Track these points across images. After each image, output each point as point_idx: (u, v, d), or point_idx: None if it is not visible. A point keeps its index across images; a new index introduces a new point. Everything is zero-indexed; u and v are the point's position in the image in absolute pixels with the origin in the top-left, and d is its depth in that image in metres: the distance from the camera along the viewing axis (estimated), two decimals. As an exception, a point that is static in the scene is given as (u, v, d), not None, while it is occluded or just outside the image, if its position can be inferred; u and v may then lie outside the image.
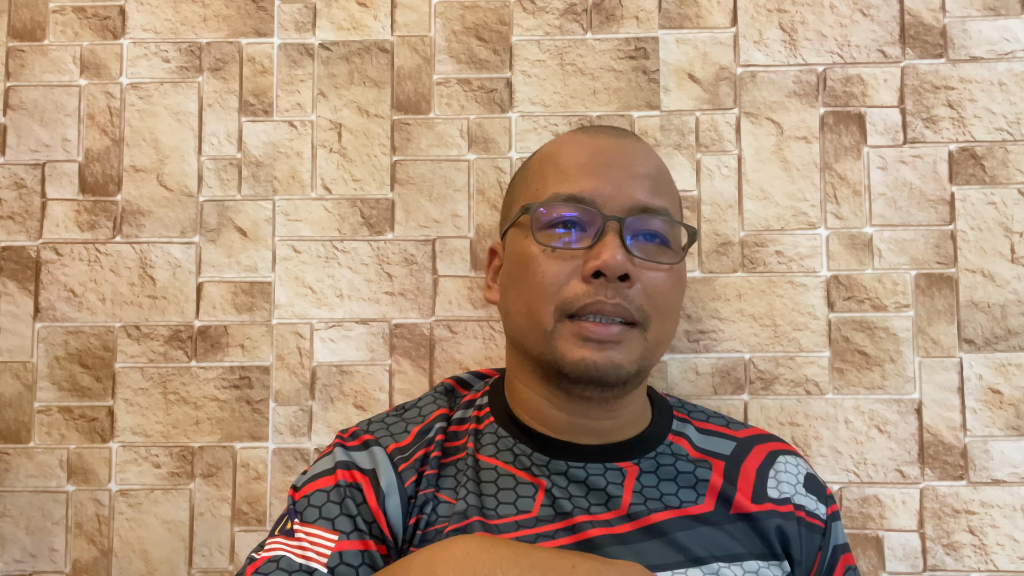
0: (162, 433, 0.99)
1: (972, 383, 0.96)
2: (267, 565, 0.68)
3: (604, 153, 0.77)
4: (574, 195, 0.74)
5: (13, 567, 0.98)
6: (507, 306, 0.79)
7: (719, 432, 0.83)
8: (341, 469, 0.74)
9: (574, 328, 0.72)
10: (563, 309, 0.73)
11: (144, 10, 1.04)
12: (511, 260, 0.79)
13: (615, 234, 0.72)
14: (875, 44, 1.00)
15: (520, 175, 0.83)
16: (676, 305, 0.78)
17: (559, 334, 0.73)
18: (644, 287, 0.74)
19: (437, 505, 0.73)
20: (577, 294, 0.72)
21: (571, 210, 0.74)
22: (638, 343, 0.74)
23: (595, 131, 0.81)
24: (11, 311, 1.01)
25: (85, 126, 1.02)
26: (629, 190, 0.75)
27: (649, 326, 0.74)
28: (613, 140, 0.78)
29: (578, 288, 0.72)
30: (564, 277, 0.73)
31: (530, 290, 0.75)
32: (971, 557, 0.94)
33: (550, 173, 0.78)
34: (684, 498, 0.76)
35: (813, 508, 0.79)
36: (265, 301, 1.00)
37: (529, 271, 0.75)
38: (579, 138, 0.79)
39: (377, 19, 1.03)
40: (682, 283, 0.79)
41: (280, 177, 1.01)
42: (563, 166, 0.77)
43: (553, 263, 0.74)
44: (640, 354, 0.74)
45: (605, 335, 0.72)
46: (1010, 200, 0.97)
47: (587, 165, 0.76)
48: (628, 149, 0.78)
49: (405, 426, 0.78)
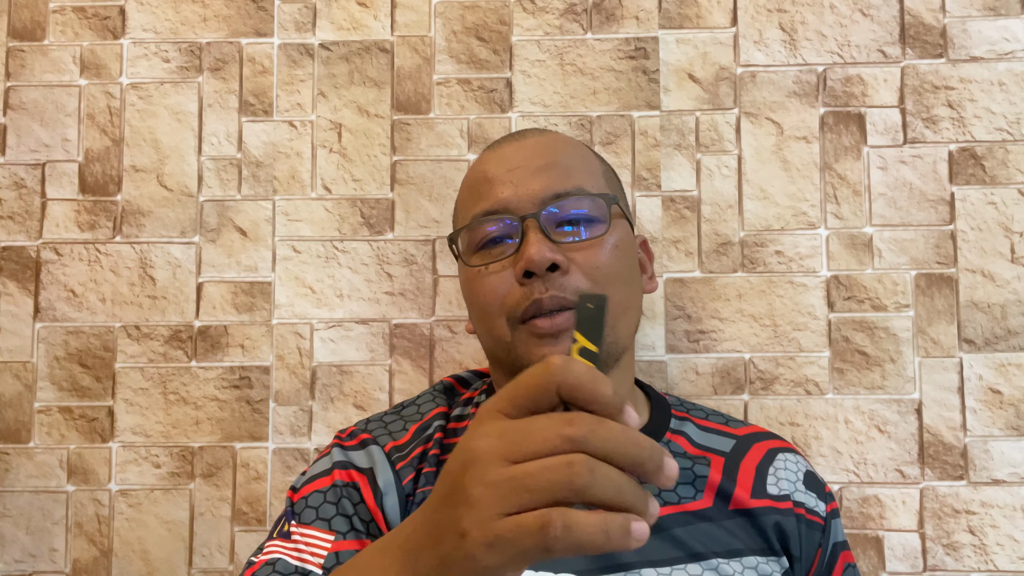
0: (162, 433, 0.99)
1: (972, 383, 0.96)
2: (263, 569, 0.68)
3: (505, 159, 0.78)
4: (488, 209, 0.76)
5: (13, 567, 0.97)
6: (476, 331, 0.81)
7: (719, 430, 0.83)
8: (338, 469, 0.74)
9: (527, 330, 0.73)
10: (512, 318, 0.74)
11: (144, 10, 1.04)
12: (464, 291, 0.81)
13: (535, 230, 0.73)
14: (875, 44, 1.00)
15: (453, 214, 0.85)
16: (623, 273, 0.77)
17: (517, 341, 0.74)
18: (581, 269, 0.74)
19: None
20: (517, 299, 0.73)
21: (491, 223, 0.76)
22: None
23: (499, 142, 0.82)
24: (11, 311, 1.01)
25: (85, 126, 1.02)
26: (534, 185, 0.75)
27: None
28: (515, 144, 0.80)
29: (517, 293, 0.74)
30: (504, 288, 0.74)
31: (480, 310, 0.77)
32: (971, 557, 0.94)
33: (467, 197, 0.80)
34: (683, 494, 0.76)
35: (813, 505, 0.79)
36: (265, 301, 1.00)
37: (474, 293, 0.77)
38: (484, 155, 0.82)
39: (377, 19, 1.03)
40: (623, 249, 0.78)
41: (280, 177, 1.01)
42: (474, 186, 0.79)
43: (490, 279, 0.75)
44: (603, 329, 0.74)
45: (553, 327, 0.72)
46: (1010, 200, 0.97)
47: (492, 177, 0.77)
48: (528, 147, 0.79)
49: (403, 424, 0.78)
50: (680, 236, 0.99)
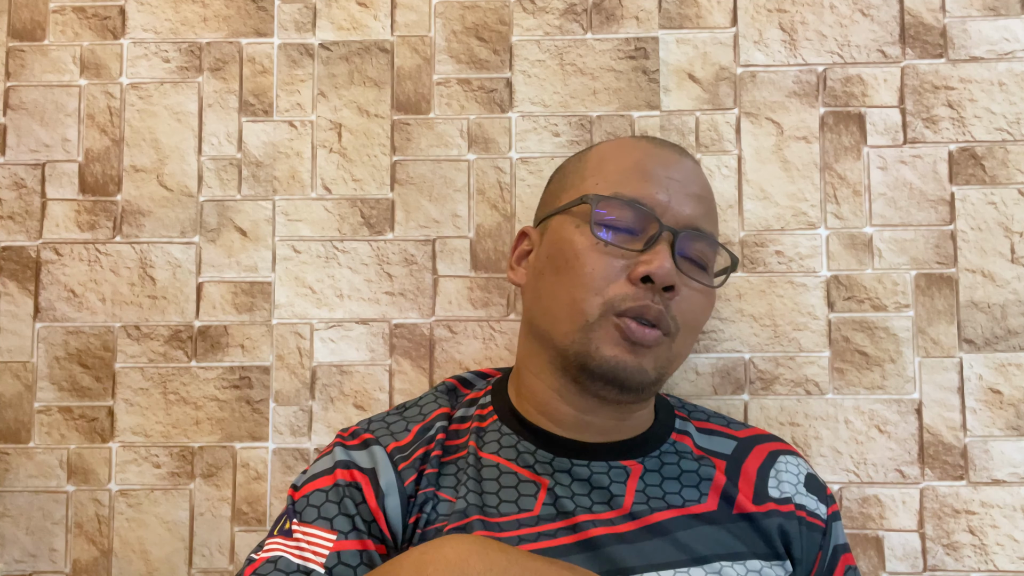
0: (162, 433, 0.99)
1: (972, 383, 0.96)
2: (265, 566, 0.68)
3: (667, 165, 0.78)
4: (635, 199, 0.75)
5: (13, 567, 0.98)
6: (539, 291, 0.78)
7: (720, 432, 0.83)
8: (340, 468, 0.74)
9: (617, 324, 0.73)
10: (610, 305, 0.73)
11: (144, 10, 1.04)
12: (554, 247, 0.78)
13: (667, 244, 0.74)
14: (875, 44, 1.00)
15: (575, 167, 0.82)
16: (701, 326, 0.79)
17: (600, 327, 0.73)
18: (681, 301, 0.75)
19: (437, 504, 0.73)
20: (626, 294, 0.73)
21: (630, 212, 0.75)
22: (665, 353, 0.75)
23: (658, 142, 0.81)
24: (11, 311, 1.01)
25: (85, 126, 1.02)
26: (686, 206, 0.76)
27: (676, 339, 0.76)
28: (675, 154, 0.80)
29: (626, 288, 0.73)
30: (612, 274, 0.74)
31: (576, 279, 0.74)
32: (971, 557, 0.94)
33: (612, 172, 0.78)
34: (687, 497, 0.76)
35: (814, 508, 0.79)
36: (265, 301, 1.00)
37: (579, 261, 0.75)
38: (643, 145, 0.80)
39: (377, 19, 1.03)
40: (711, 307, 0.80)
41: (280, 177, 1.01)
42: (625, 167, 0.78)
43: (603, 258, 0.74)
44: (664, 363, 0.75)
45: (645, 338, 0.73)
46: (1010, 200, 0.97)
47: (650, 173, 0.77)
48: (688, 167, 0.79)
49: (406, 425, 0.78)
50: (680, 236, 0.99)
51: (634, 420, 0.79)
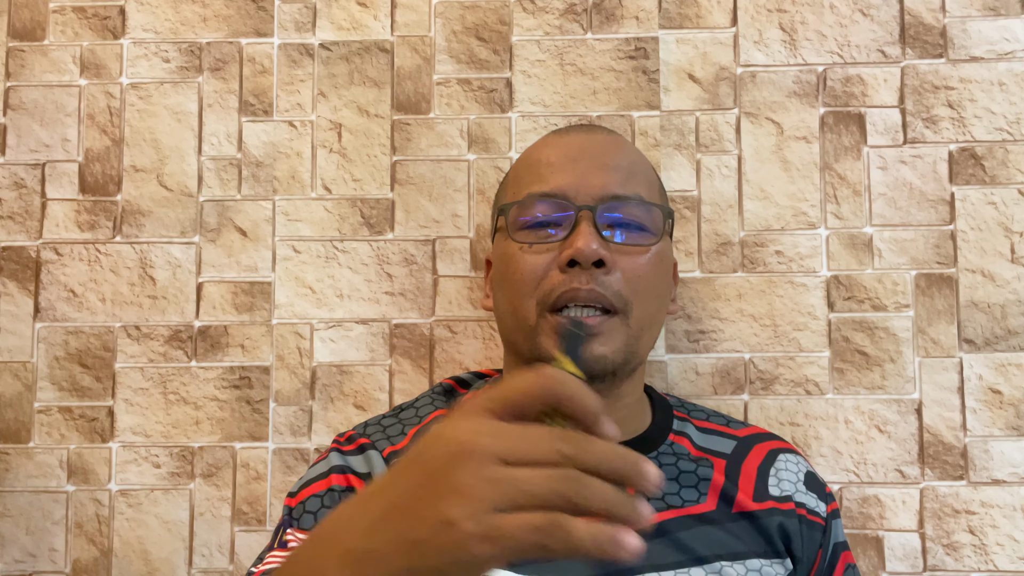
0: (162, 433, 0.99)
1: (972, 383, 0.96)
2: None
3: (573, 149, 0.78)
4: (546, 192, 0.76)
5: (13, 567, 0.97)
6: (497, 308, 0.80)
7: (719, 431, 0.83)
8: (335, 473, 0.74)
9: (553, 322, 0.73)
10: (543, 302, 0.74)
11: (144, 10, 1.04)
12: (496, 263, 0.80)
13: (588, 223, 0.73)
14: (875, 44, 1.00)
15: (501, 185, 0.85)
16: (659, 288, 0.78)
17: (541, 329, 0.74)
18: (623, 273, 0.74)
19: None
20: (554, 285, 0.73)
21: (544, 206, 0.76)
22: (620, 332, 0.74)
23: (566, 131, 0.82)
24: (11, 311, 1.00)
25: (85, 126, 1.02)
26: (599, 180, 0.76)
27: (631, 312, 0.74)
28: (583, 136, 0.80)
29: (555, 279, 0.73)
30: (542, 270, 0.74)
31: (512, 287, 0.76)
32: (971, 557, 0.94)
33: (524, 175, 0.79)
34: (686, 497, 0.75)
35: (814, 506, 0.79)
36: (265, 301, 1.00)
37: (510, 269, 0.76)
38: (549, 139, 0.82)
39: (377, 19, 1.03)
40: (664, 265, 0.79)
41: (280, 177, 1.01)
42: (534, 166, 0.79)
43: (531, 258, 0.75)
44: (624, 342, 0.74)
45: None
46: (1010, 200, 0.97)
47: (557, 162, 0.77)
48: (597, 143, 0.79)
49: (402, 428, 0.78)
50: (680, 236, 0.99)
51: (625, 413, 0.78)
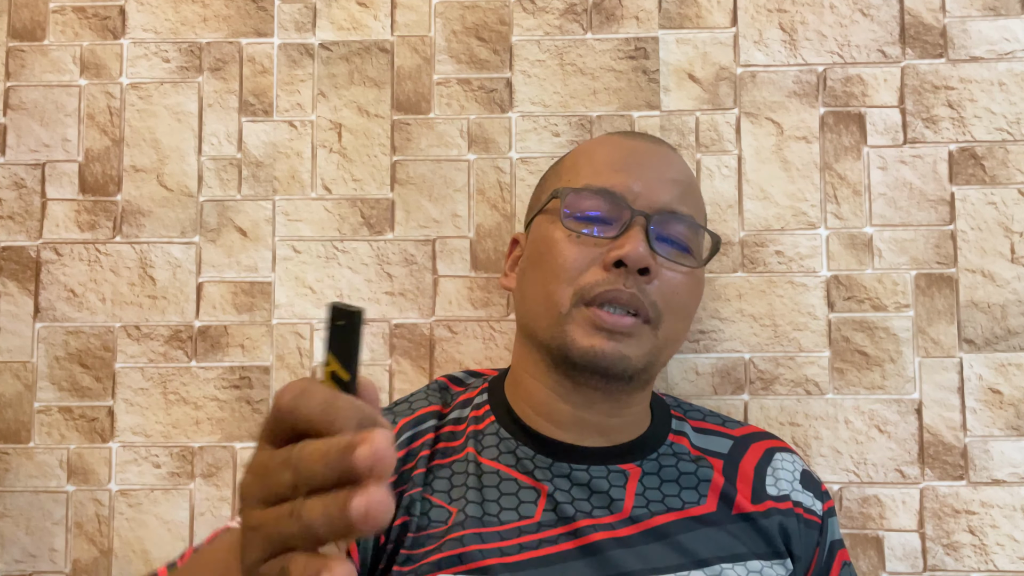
0: (162, 433, 0.99)
1: (972, 383, 0.96)
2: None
3: (638, 154, 0.78)
4: (605, 188, 0.76)
5: (13, 567, 0.97)
6: (523, 289, 0.79)
7: (716, 431, 0.83)
8: None
9: (588, 315, 0.73)
10: (580, 294, 0.73)
11: (144, 10, 1.04)
12: (534, 244, 0.79)
13: (640, 228, 0.74)
14: (875, 44, 1.00)
15: (553, 169, 0.85)
16: (690, 309, 0.79)
17: (573, 319, 0.73)
18: (661, 285, 0.74)
19: (429, 509, 0.72)
20: (596, 280, 0.73)
21: (601, 201, 0.75)
22: (648, 339, 0.74)
23: (631, 135, 0.83)
24: (11, 311, 1.00)
25: (85, 126, 1.02)
26: (659, 191, 0.76)
27: (661, 324, 0.75)
28: (648, 144, 0.80)
29: (598, 275, 0.73)
30: (585, 263, 0.74)
31: (550, 272, 0.75)
32: (971, 557, 0.94)
33: (583, 167, 0.79)
34: (686, 499, 0.75)
35: (810, 504, 0.79)
36: (265, 301, 1.00)
37: (552, 254, 0.76)
38: (615, 139, 0.81)
39: (377, 19, 1.03)
40: (699, 289, 0.80)
41: (280, 177, 1.01)
42: (596, 161, 0.79)
43: (576, 248, 0.75)
44: (649, 350, 0.75)
45: (617, 325, 0.72)
46: (1010, 200, 0.97)
47: (620, 162, 0.77)
48: (661, 154, 0.80)
49: (394, 418, 0.78)
50: (680, 236, 0.99)
51: (631, 418, 0.79)
